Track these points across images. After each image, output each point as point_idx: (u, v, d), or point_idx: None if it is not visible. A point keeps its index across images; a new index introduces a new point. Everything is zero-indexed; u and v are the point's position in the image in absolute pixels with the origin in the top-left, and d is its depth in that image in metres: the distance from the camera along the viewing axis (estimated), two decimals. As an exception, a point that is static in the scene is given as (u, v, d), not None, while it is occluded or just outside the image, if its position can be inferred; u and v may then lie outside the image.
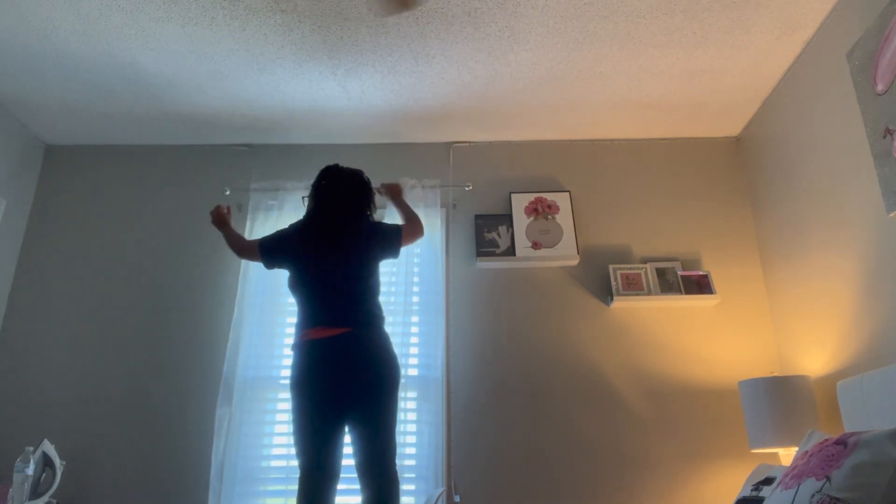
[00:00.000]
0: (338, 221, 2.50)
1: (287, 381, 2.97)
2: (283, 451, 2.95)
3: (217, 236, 3.29)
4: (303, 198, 2.73)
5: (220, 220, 2.78)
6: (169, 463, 2.91)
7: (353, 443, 2.24)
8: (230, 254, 3.26)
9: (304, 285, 2.42)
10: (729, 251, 3.28)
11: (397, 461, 2.29)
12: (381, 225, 2.60)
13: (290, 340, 3.16)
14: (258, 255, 2.60)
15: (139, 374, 3.06)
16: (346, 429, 2.30)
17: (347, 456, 2.31)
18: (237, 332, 3.07)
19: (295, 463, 2.89)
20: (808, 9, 2.56)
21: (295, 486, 2.85)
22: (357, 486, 2.30)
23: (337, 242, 2.45)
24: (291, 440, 2.92)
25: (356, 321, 2.32)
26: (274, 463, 2.92)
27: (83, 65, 2.86)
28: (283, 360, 3.10)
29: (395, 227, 2.59)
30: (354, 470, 2.23)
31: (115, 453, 2.93)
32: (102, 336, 3.13)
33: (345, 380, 2.23)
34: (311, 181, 2.67)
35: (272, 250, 2.56)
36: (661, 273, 3.16)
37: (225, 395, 2.94)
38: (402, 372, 2.48)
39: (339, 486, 2.29)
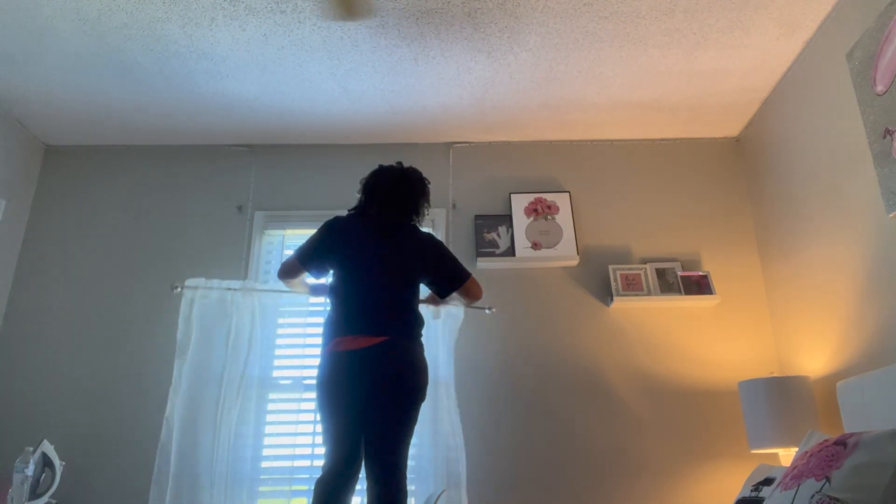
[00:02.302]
0: (392, 222, 2.40)
1: (312, 383, 2.94)
2: (278, 451, 2.95)
3: (219, 239, 3.30)
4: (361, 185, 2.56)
5: None
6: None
7: (367, 444, 2.20)
8: (230, 255, 3.26)
9: (347, 285, 2.31)
10: (728, 252, 3.28)
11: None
12: (446, 257, 2.47)
13: (286, 341, 3.17)
14: (301, 271, 2.42)
15: (139, 374, 3.06)
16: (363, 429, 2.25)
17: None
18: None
19: (290, 464, 2.91)
20: (808, 9, 2.56)
21: (289, 487, 2.87)
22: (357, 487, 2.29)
23: (391, 244, 2.36)
24: (285, 441, 2.96)
25: (395, 330, 2.25)
26: (266, 464, 2.92)
27: (83, 65, 2.86)
28: (276, 360, 3.10)
29: (462, 274, 2.46)
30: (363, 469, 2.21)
31: (115, 453, 2.93)
32: (102, 336, 3.13)
33: (372, 390, 2.18)
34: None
35: (317, 260, 2.39)
36: (660, 273, 3.16)
37: (228, 394, 2.94)
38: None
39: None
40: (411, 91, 3.06)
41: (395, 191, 2.43)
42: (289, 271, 2.44)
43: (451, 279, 2.45)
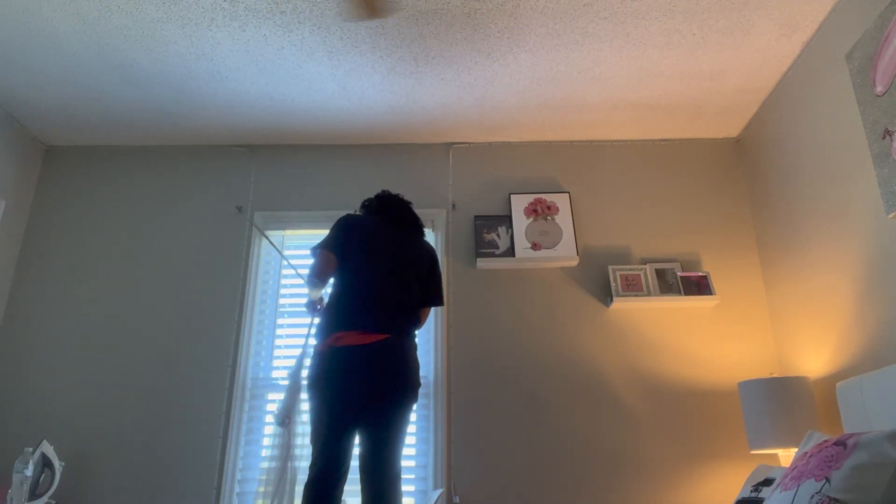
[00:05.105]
0: (407, 225, 2.52)
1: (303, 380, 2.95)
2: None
3: (219, 239, 3.31)
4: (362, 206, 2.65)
5: None
6: (168, 463, 2.91)
7: (364, 444, 2.19)
8: (230, 256, 3.27)
9: (355, 280, 2.31)
10: (728, 252, 3.28)
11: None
12: (438, 275, 2.55)
13: (286, 341, 3.17)
14: (336, 263, 2.34)
15: (138, 375, 3.06)
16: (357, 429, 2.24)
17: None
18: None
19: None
20: (808, 10, 2.56)
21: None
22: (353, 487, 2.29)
23: (403, 245, 2.43)
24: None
25: (396, 328, 2.26)
26: (266, 464, 2.92)
27: (83, 65, 2.86)
28: (276, 360, 3.10)
29: (442, 297, 2.55)
30: (358, 469, 2.21)
31: (114, 454, 2.93)
32: (102, 336, 3.13)
33: (371, 387, 2.17)
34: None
35: (344, 249, 2.36)
36: (660, 274, 3.16)
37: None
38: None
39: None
40: (411, 91, 3.06)
41: (406, 206, 2.59)
42: (325, 268, 2.30)
43: (434, 295, 2.52)
